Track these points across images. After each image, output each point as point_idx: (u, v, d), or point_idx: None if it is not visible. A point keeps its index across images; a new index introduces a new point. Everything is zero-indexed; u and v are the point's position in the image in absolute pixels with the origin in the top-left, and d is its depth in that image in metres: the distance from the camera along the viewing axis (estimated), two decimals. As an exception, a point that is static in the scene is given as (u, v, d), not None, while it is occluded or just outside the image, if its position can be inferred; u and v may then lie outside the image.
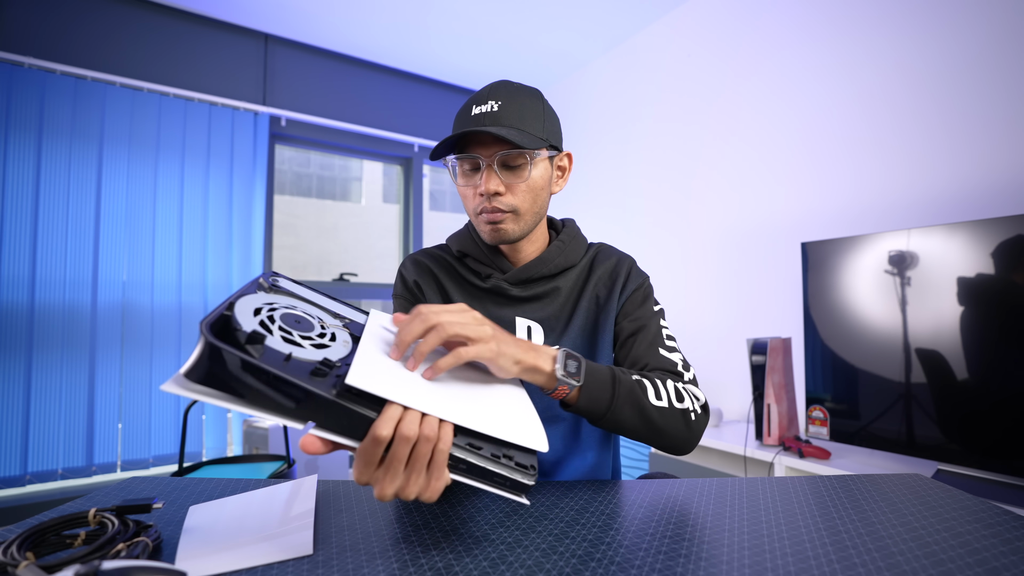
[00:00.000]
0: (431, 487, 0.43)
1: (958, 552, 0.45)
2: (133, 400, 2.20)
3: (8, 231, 1.98)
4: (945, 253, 1.33)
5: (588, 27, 2.61)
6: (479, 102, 0.72)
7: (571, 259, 0.82)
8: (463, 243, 0.83)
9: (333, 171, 3.12)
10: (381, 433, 0.40)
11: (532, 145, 0.70)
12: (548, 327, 0.78)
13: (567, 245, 0.82)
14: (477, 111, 0.71)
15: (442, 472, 0.43)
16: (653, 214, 2.56)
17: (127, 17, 2.31)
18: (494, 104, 0.71)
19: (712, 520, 0.52)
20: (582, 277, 0.82)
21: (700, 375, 2.29)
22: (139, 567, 0.34)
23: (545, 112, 0.75)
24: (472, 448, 0.45)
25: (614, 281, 0.82)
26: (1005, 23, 1.44)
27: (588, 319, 0.80)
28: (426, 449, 0.42)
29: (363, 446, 0.41)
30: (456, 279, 0.82)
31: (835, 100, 1.84)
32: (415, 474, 0.42)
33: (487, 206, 0.73)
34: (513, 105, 0.72)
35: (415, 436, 0.41)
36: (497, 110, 0.71)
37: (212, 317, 0.41)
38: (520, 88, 0.74)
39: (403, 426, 0.41)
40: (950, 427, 1.32)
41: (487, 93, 0.73)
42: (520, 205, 0.74)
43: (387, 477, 0.42)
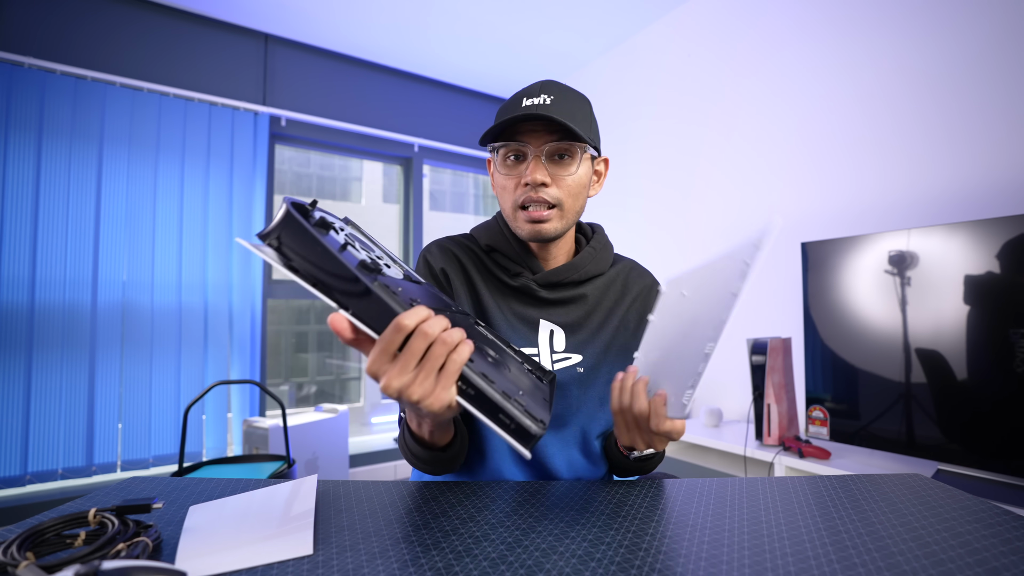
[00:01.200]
0: (435, 394, 0.43)
1: (958, 552, 0.45)
2: (133, 400, 2.20)
3: (8, 231, 1.98)
4: (945, 253, 1.33)
5: (588, 27, 2.61)
6: (530, 95, 0.71)
7: (601, 267, 0.81)
8: (493, 237, 0.81)
9: (333, 171, 3.12)
10: (404, 322, 0.42)
11: (583, 140, 0.70)
12: (571, 332, 0.77)
13: (598, 252, 0.82)
14: (529, 102, 0.70)
15: (450, 382, 0.43)
16: (653, 214, 2.56)
17: (127, 17, 2.31)
18: (546, 98, 0.70)
19: (712, 520, 0.52)
20: (614, 290, 0.82)
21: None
22: (139, 567, 0.34)
23: (592, 116, 0.75)
24: (486, 378, 0.45)
25: (646, 307, 0.82)
26: (1005, 23, 1.44)
27: (618, 339, 0.79)
28: (441, 351, 0.43)
29: (384, 334, 0.42)
30: (484, 273, 0.80)
31: (835, 100, 1.84)
32: (424, 374, 0.43)
33: (532, 195, 0.71)
34: (565, 102, 0.71)
35: (434, 336, 0.42)
36: (550, 103, 0.69)
37: (294, 199, 0.46)
38: (570, 89, 0.74)
39: (426, 324, 0.42)
40: (950, 427, 1.32)
41: (539, 88, 0.72)
42: (565, 200, 0.72)
43: (396, 368, 0.43)
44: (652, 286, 0.85)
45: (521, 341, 0.75)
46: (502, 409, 0.44)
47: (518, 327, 0.76)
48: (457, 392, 0.45)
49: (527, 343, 0.76)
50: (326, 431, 2.34)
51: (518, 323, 0.76)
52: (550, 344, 0.76)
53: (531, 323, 0.77)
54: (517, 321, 0.76)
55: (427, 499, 0.60)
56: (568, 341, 0.77)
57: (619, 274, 0.84)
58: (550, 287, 0.78)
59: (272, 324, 2.77)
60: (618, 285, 0.82)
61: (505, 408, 0.44)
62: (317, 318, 3.04)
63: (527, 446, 0.44)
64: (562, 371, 0.76)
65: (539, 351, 0.76)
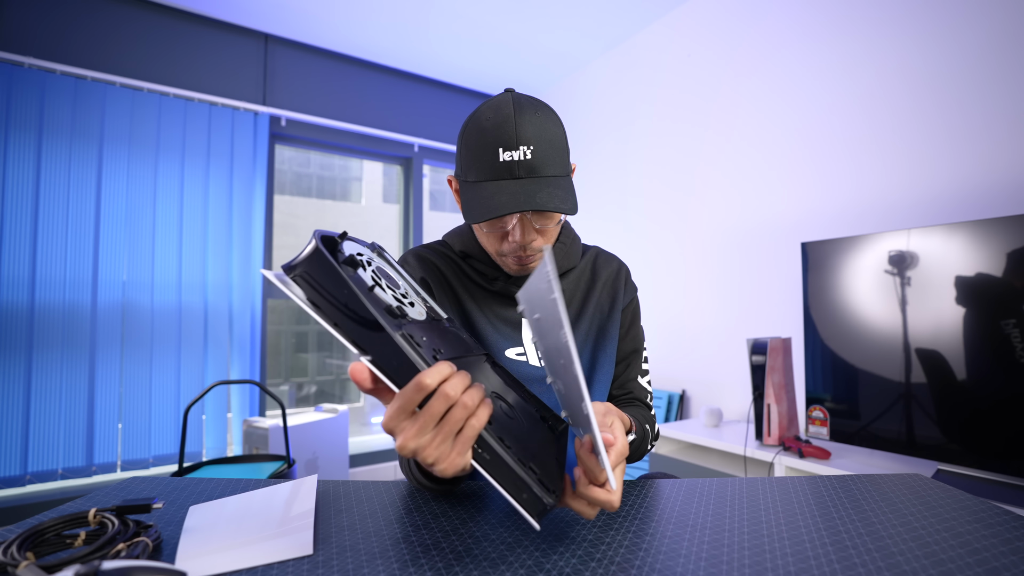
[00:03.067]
0: (450, 459, 0.42)
1: (958, 552, 0.45)
2: (133, 400, 2.20)
3: (8, 231, 1.98)
4: (945, 253, 1.33)
5: (588, 27, 2.61)
6: (507, 147, 0.64)
7: (572, 261, 0.83)
8: (466, 244, 0.81)
9: (333, 171, 3.12)
10: (425, 381, 0.40)
11: (573, 203, 0.66)
12: None
13: (568, 248, 0.83)
14: (507, 157, 0.64)
15: (466, 447, 0.42)
16: (653, 214, 2.56)
17: (127, 17, 2.31)
18: (526, 151, 0.64)
19: (712, 520, 0.52)
20: (584, 280, 0.84)
21: (700, 375, 2.30)
22: (139, 567, 0.34)
23: (565, 137, 0.71)
24: (503, 443, 0.44)
25: (616, 290, 0.85)
26: (1005, 23, 1.44)
27: (593, 326, 0.82)
28: (460, 415, 0.41)
29: (404, 390, 0.41)
30: (462, 278, 0.81)
31: (835, 100, 1.84)
32: (441, 437, 0.42)
33: (521, 254, 0.71)
34: (544, 146, 0.65)
35: (455, 398, 0.41)
36: (531, 158, 0.64)
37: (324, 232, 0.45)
38: (543, 117, 0.67)
39: (447, 384, 0.41)
40: (950, 427, 1.32)
41: (514, 133, 0.64)
42: (550, 243, 0.73)
43: (413, 429, 0.41)
44: (619, 269, 0.87)
45: (507, 342, 0.77)
46: (518, 478, 0.42)
47: (502, 329, 0.78)
48: (473, 456, 0.43)
49: (512, 343, 0.78)
50: (326, 431, 2.34)
51: (502, 325, 0.78)
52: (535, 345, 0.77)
53: (514, 324, 0.79)
54: (501, 323, 0.78)
55: (427, 499, 0.60)
56: None
57: (587, 264, 0.86)
58: None
59: (272, 324, 2.77)
60: (587, 275, 0.85)
61: (521, 477, 0.42)
62: (317, 318, 3.04)
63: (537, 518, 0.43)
64: None
65: (525, 349, 0.78)
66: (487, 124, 0.66)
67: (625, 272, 0.88)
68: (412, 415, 0.42)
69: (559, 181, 0.67)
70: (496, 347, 0.77)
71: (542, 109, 0.68)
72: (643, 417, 0.80)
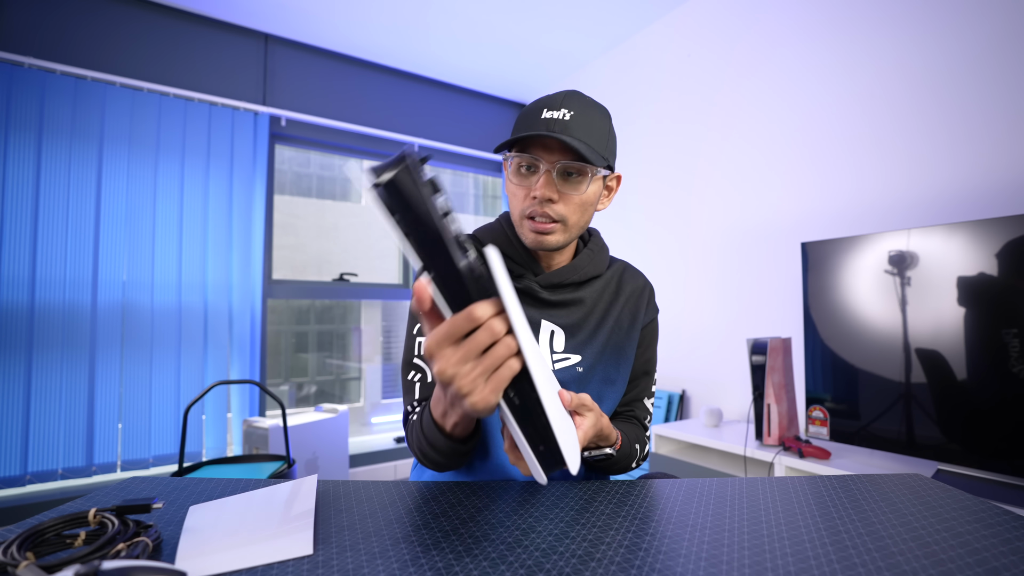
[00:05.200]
0: (483, 394, 0.43)
1: (958, 552, 0.45)
2: (133, 400, 2.20)
3: (8, 231, 1.98)
4: (945, 253, 1.33)
5: (588, 27, 2.61)
6: (551, 107, 0.72)
7: (598, 269, 0.84)
8: (496, 239, 0.82)
9: (333, 171, 3.12)
10: (477, 312, 0.41)
11: (596, 162, 0.71)
12: (570, 334, 0.79)
13: (595, 255, 0.84)
14: (548, 115, 0.71)
15: (500, 387, 0.43)
16: (653, 214, 2.56)
17: (127, 17, 2.31)
18: (567, 112, 0.71)
19: (712, 520, 0.52)
20: (608, 291, 0.84)
21: (700, 375, 2.30)
22: (139, 567, 0.34)
23: (610, 133, 0.76)
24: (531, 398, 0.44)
25: (638, 307, 0.85)
26: (1005, 23, 1.44)
27: (612, 339, 0.82)
28: (502, 353, 0.42)
29: (455, 317, 0.42)
30: None
31: (835, 100, 1.84)
32: (480, 370, 0.42)
33: (537, 210, 0.73)
34: (584, 119, 0.72)
35: (502, 333, 0.42)
36: (568, 120, 0.71)
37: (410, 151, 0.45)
38: (592, 103, 0.75)
39: (495, 321, 0.42)
40: (950, 427, 1.32)
41: (560, 100, 0.72)
42: (569, 217, 0.74)
43: (456, 356, 0.42)
44: (644, 287, 0.87)
45: None
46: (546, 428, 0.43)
47: None
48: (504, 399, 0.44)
49: None
50: (326, 431, 2.34)
51: None
52: (550, 344, 0.78)
53: (533, 324, 0.78)
54: None
55: (427, 499, 0.60)
56: (568, 342, 0.79)
57: (613, 276, 0.86)
58: (551, 288, 0.80)
59: (272, 324, 2.77)
60: (612, 287, 0.85)
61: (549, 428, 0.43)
62: (317, 318, 3.04)
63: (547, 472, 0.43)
64: (562, 370, 0.78)
65: None
66: (540, 98, 0.74)
67: (649, 291, 0.88)
68: (456, 343, 0.42)
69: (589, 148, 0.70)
70: None
71: (595, 103, 0.75)
72: (635, 436, 0.79)
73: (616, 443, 0.71)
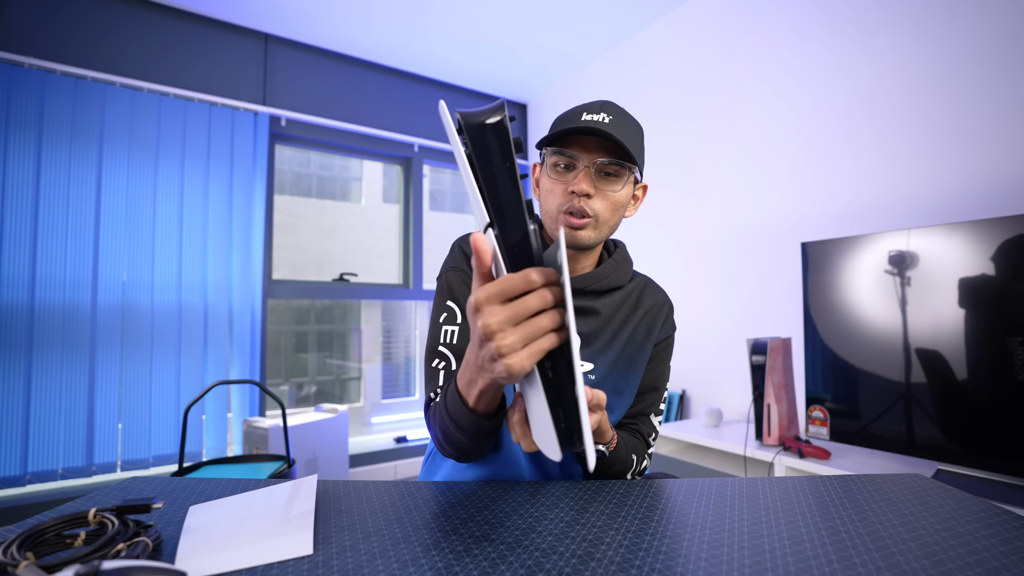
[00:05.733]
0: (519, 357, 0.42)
1: (958, 552, 0.45)
2: (133, 400, 2.20)
3: (8, 231, 1.98)
4: (945, 253, 1.33)
5: (588, 27, 2.61)
6: (590, 111, 0.74)
7: (620, 280, 0.84)
8: None
9: (333, 171, 3.12)
10: (534, 275, 0.42)
11: (634, 162, 0.74)
12: (586, 342, 0.80)
13: (619, 266, 0.85)
14: (588, 117, 0.73)
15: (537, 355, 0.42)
16: (653, 214, 2.56)
17: (127, 17, 2.31)
18: (605, 117, 0.73)
19: (712, 520, 0.52)
20: (628, 304, 0.84)
21: (700, 375, 2.30)
22: (139, 567, 0.34)
23: (642, 143, 0.79)
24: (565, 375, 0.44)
25: (654, 322, 0.85)
26: (1005, 23, 1.44)
27: (626, 350, 0.81)
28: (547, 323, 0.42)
29: (512, 276, 0.42)
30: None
31: (835, 100, 1.84)
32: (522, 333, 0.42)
33: (575, 205, 0.74)
34: (622, 125, 0.74)
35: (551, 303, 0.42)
36: (608, 122, 0.73)
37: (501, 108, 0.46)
38: (628, 114, 0.77)
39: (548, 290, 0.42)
40: (950, 427, 1.32)
41: (599, 106, 0.75)
42: (603, 213, 0.75)
43: (504, 314, 0.42)
44: (664, 303, 0.87)
45: None
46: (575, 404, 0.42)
47: None
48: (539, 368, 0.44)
49: None
50: (326, 431, 2.34)
51: None
52: None
53: None
54: None
55: (427, 499, 0.60)
56: (583, 351, 0.79)
57: (635, 289, 0.86)
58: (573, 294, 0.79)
59: (272, 324, 2.77)
60: (632, 299, 0.85)
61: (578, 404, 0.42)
62: (317, 318, 3.04)
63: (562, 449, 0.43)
64: None
65: None
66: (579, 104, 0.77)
67: (668, 307, 0.88)
68: (505, 302, 0.43)
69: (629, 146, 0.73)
70: None
71: (632, 116, 0.78)
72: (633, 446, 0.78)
73: (611, 443, 0.70)
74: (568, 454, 0.79)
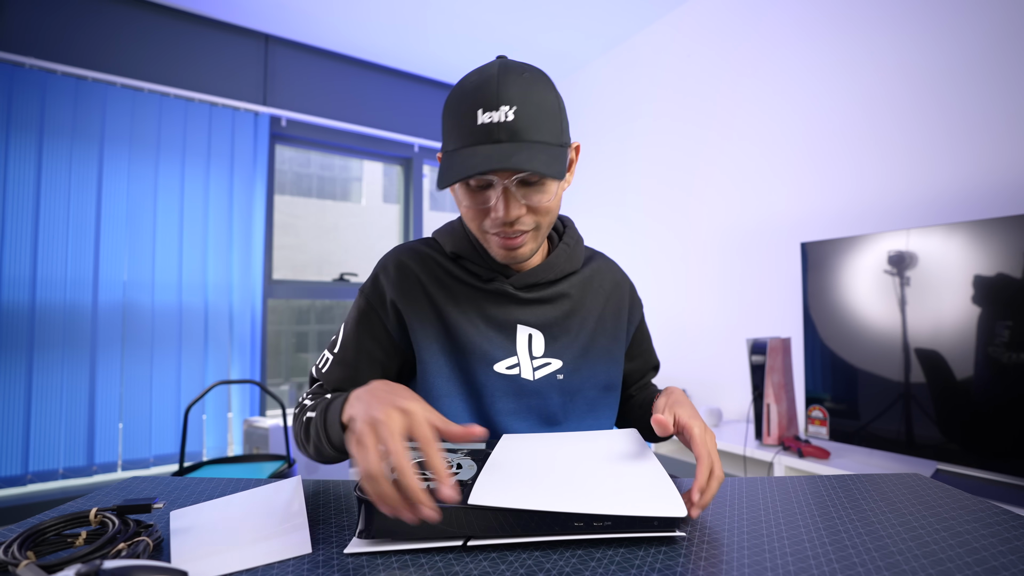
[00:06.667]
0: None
1: (957, 552, 0.45)
2: (134, 400, 2.20)
3: (9, 231, 1.98)
4: (945, 253, 1.33)
5: (588, 27, 2.61)
6: (487, 107, 0.58)
7: (575, 264, 0.77)
8: (458, 244, 0.73)
9: (333, 171, 3.12)
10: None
11: (559, 170, 0.59)
12: (550, 334, 0.73)
13: (572, 249, 0.77)
14: (486, 119, 0.58)
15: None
16: (653, 214, 2.56)
17: (127, 17, 2.31)
18: (508, 112, 0.58)
19: (712, 520, 0.53)
20: (589, 288, 0.78)
21: (700, 375, 2.30)
22: (140, 566, 0.34)
23: (559, 105, 0.63)
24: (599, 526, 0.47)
25: (620, 305, 0.80)
26: (1005, 23, 1.45)
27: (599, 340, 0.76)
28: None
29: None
30: (451, 282, 0.73)
31: (835, 99, 1.84)
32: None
33: (505, 230, 0.64)
34: (530, 108, 0.59)
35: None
36: (513, 119, 0.58)
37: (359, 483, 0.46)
38: (530, 79, 0.60)
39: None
40: (949, 427, 1.32)
41: (496, 92, 0.58)
42: (541, 222, 0.66)
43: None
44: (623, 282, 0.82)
45: (498, 352, 0.71)
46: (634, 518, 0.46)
47: (494, 338, 0.71)
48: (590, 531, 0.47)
49: (504, 354, 0.71)
50: (326, 431, 2.34)
51: (494, 333, 0.71)
52: (529, 350, 0.72)
53: (508, 329, 0.72)
54: (492, 331, 0.71)
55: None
56: (548, 346, 0.73)
57: (591, 269, 0.80)
58: (527, 289, 0.73)
59: (272, 324, 2.77)
60: (594, 282, 0.79)
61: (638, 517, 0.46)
62: (317, 318, 3.04)
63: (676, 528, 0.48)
64: (542, 379, 0.72)
65: (519, 360, 0.71)
66: (469, 86, 0.60)
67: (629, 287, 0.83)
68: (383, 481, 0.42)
69: (547, 148, 0.60)
70: (486, 361, 0.70)
71: (532, 71, 0.61)
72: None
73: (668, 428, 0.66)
74: None
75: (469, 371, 0.70)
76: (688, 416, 0.57)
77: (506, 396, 0.71)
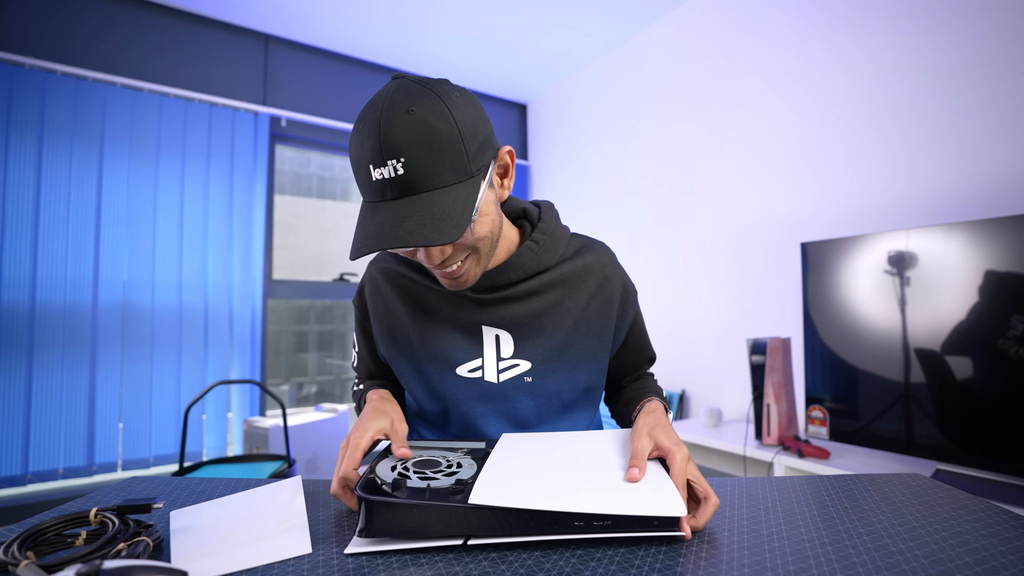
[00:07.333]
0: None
1: (957, 552, 0.45)
2: (134, 400, 2.20)
3: (9, 231, 1.98)
4: (944, 253, 1.33)
5: (588, 27, 2.61)
6: (375, 162, 0.53)
7: (546, 261, 0.70)
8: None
9: (333, 171, 3.12)
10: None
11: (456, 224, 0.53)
12: (520, 335, 0.70)
13: (541, 248, 0.70)
14: (377, 175, 0.53)
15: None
16: (653, 214, 2.57)
17: (127, 17, 2.31)
18: (396, 166, 0.52)
19: (712, 520, 0.53)
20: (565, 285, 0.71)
21: (700, 375, 2.30)
22: (140, 566, 0.34)
23: (460, 128, 0.55)
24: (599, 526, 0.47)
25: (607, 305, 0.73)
26: (1005, 23, 1.45)
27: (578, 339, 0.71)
28: None
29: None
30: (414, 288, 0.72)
31: (835, 100, 1.84)
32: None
33: (439, 269, 0.62)
34: (420, 154, 0.53)
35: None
36: (403, 173, 0.53)
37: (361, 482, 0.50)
38: (419, 115, 0.53)
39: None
40: (949, 427, 1.32)
41: (379, 147, 0.52)
42: (477, 246, 0.61)
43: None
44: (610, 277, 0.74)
45: (463, 356, 0.70)
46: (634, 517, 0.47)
47: (459, 341, 0.70)
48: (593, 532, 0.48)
49: (469, 356, 0.70)
50: (326, 431, 2.34)
51: (459, 336, 0.70)
52: (497, 352, 0.70)
53: (474, 330, 0.70)
54: (458, 334, 0.70)
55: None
56: (517, 345, 0.70)
57: (578, 266, 0.72)
58: (487, 292, 0.70)
59: (272, 324, 2.77)
60: (576, 278, 0.72)
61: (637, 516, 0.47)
62: (317, 318, 3.04)
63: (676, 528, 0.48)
64: (507, 382, 0.69)
65: (483, 363, 0.69)
66: (359, 135, 0.55)
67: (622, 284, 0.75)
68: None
69: (446, 192, 0.54)
70: (448, 365, 0.70)
71: (422, 101, 0.54)
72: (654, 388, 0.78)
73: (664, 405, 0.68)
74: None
75: (432, 376, 0.71)
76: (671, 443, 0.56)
77: (471, 399, 0.70)
